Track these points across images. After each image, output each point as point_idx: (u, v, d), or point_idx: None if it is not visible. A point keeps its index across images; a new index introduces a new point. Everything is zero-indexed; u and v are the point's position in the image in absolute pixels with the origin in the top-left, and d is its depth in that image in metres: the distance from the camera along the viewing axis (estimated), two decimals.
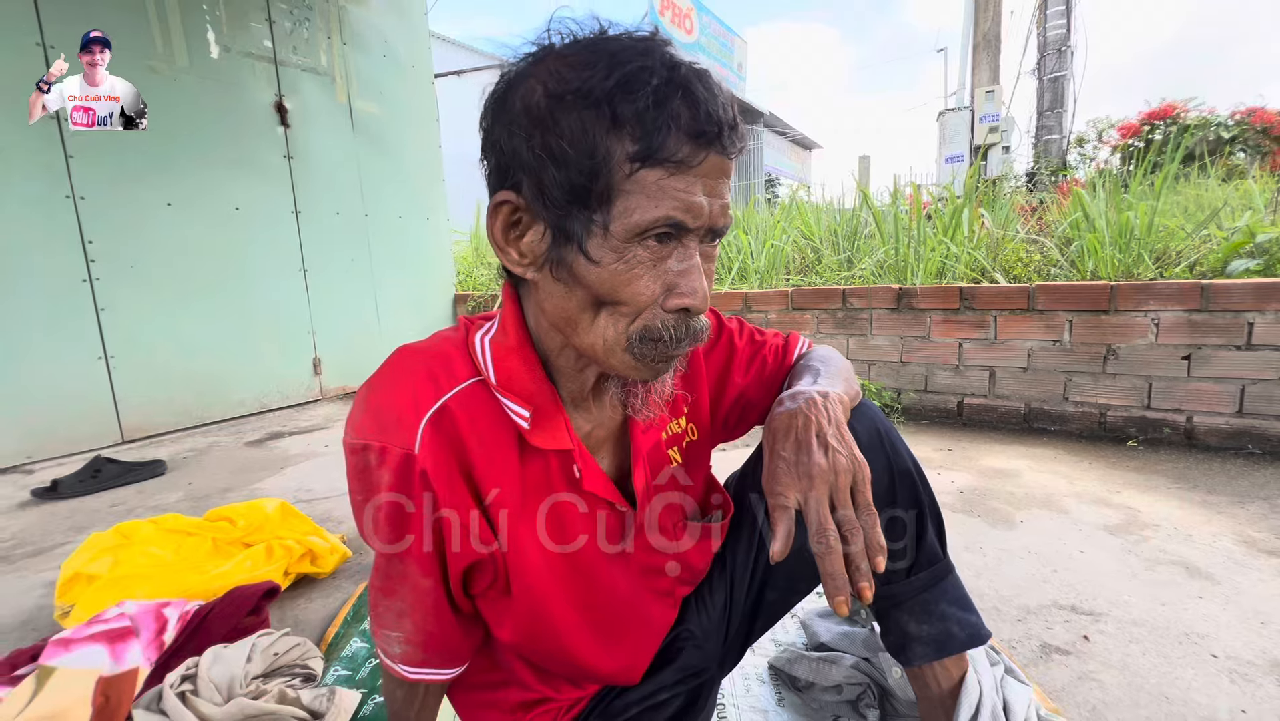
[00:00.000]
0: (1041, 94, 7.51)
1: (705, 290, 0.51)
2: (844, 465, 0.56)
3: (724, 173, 0.51)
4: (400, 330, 3.64)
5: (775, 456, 0.58)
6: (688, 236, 0.50)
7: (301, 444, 2.53)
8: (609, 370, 0.56)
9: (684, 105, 0.47)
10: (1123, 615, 1.14)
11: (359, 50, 3.40)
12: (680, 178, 0.48)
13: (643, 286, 0.50)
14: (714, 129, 0.48)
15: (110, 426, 2.55)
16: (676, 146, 0.47)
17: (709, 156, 0.48)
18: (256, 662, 0.96)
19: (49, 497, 1.96)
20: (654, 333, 0.52)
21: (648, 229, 0.48)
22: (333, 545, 1.43)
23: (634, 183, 0.47)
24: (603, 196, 0.48)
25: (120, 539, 1.32)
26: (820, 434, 0.57)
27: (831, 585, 0.53)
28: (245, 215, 2.93)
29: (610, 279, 0.50)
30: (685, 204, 0.48)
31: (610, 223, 0.48)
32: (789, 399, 0.62)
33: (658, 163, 0.47)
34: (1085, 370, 2.20)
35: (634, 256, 0.49)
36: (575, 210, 0.49)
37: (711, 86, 0.49)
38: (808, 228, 3.71)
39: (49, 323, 2.37)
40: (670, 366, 0.56)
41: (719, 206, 0.50)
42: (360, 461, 0.53)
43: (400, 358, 0.57)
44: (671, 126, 0.47)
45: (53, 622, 1.21)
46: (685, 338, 0.53)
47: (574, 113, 0.47)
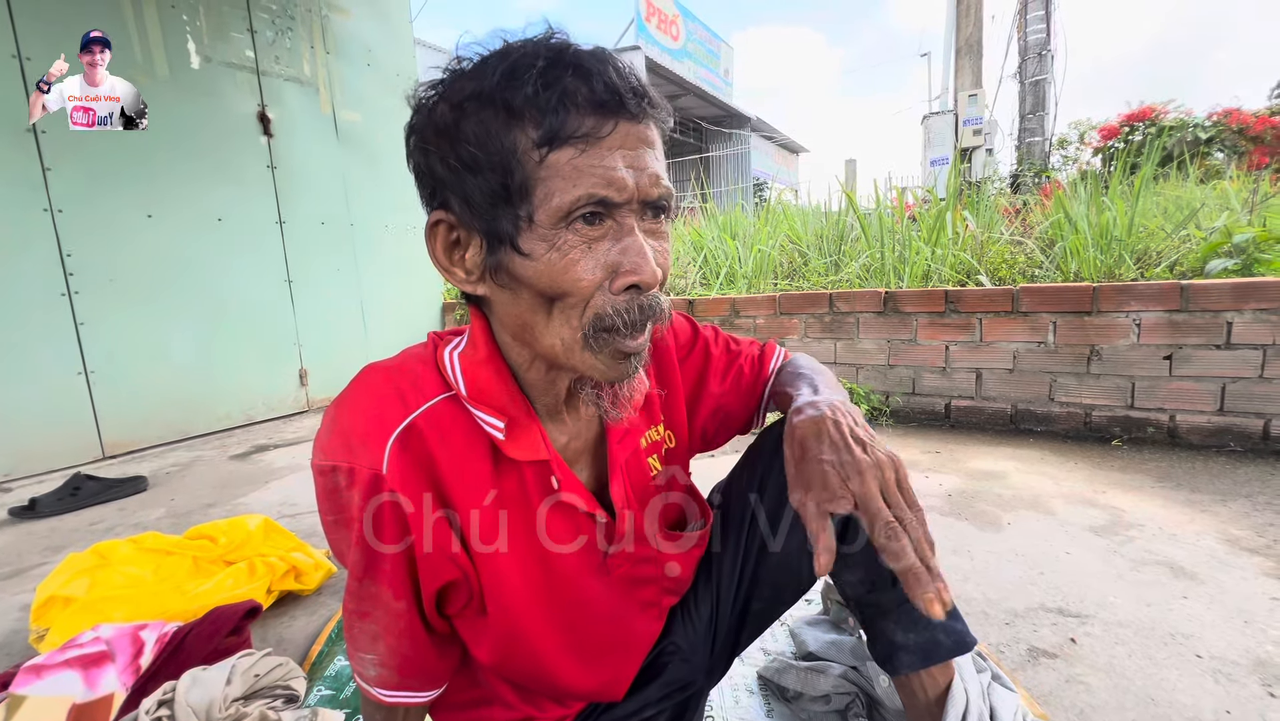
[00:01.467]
0: (1023, 97, 7.61)
1: (653, 266, 0.49)
2: (886, 460, 0.54)
3: (642, 140, 0.49)
4: (387, 339, 3.61)
5: (813, 462, 0.55)
6: (620, 213, 0.49)
7: (287, 457, 2.50)
8: (575, 373, 0.56)
9: (577, 80, 0.46)
10: (1109, 617, 1.15)
11: (342, 59, 3.38)
12: (593, 153, 0.47)
13: (581, 271, 0.48)
14: (613, 97, 0.47)
15: (90, 442, 2.51)
16: (578, 122, 0.46)
17: (618, 125, 0.47)
18: (236, 685, 0.94)
19: (26, 516, 1.92)
20: (606, 320, 0.50)
21: (571, 210, 0.47)
22: (317, 561, 1.41)
23: (547, 168, 0.47)
24: (522, 190, 0.47)
25: (98, 559, 1.29)
26: (854, 434, 0.56)
27: (917, 582, 0.49)
28: (228, 226, 2.90)
29: (547, 270, 0.49)
30: (603, 178, 0.47)
31: (534, 213, 0.48)
32: (809, 406, 0.60)
33: (563, 142, 0.46)
34: (1070, 371, 2.22)
35: (565, 242, 0.48)
36: (501, 211, 0.48)
37: (605, 57, 0.48)
38: (794, 232, 3.73)
39: (26, 337, 2.33)
40: (633, 362, 0.54)
41: (646, 177, 0.48)
42: (329, 483, 0.52)
43: (367, 376, 0.56)
44: (567, 103, 0.46)
45: (27, 647, 1.18)
46: (640, 319, 0.51)
47: (474, 116, 0.48)
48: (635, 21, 11.91)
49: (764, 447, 0.77)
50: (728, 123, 15.72)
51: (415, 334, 3.82)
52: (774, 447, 0.75)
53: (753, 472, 0.77)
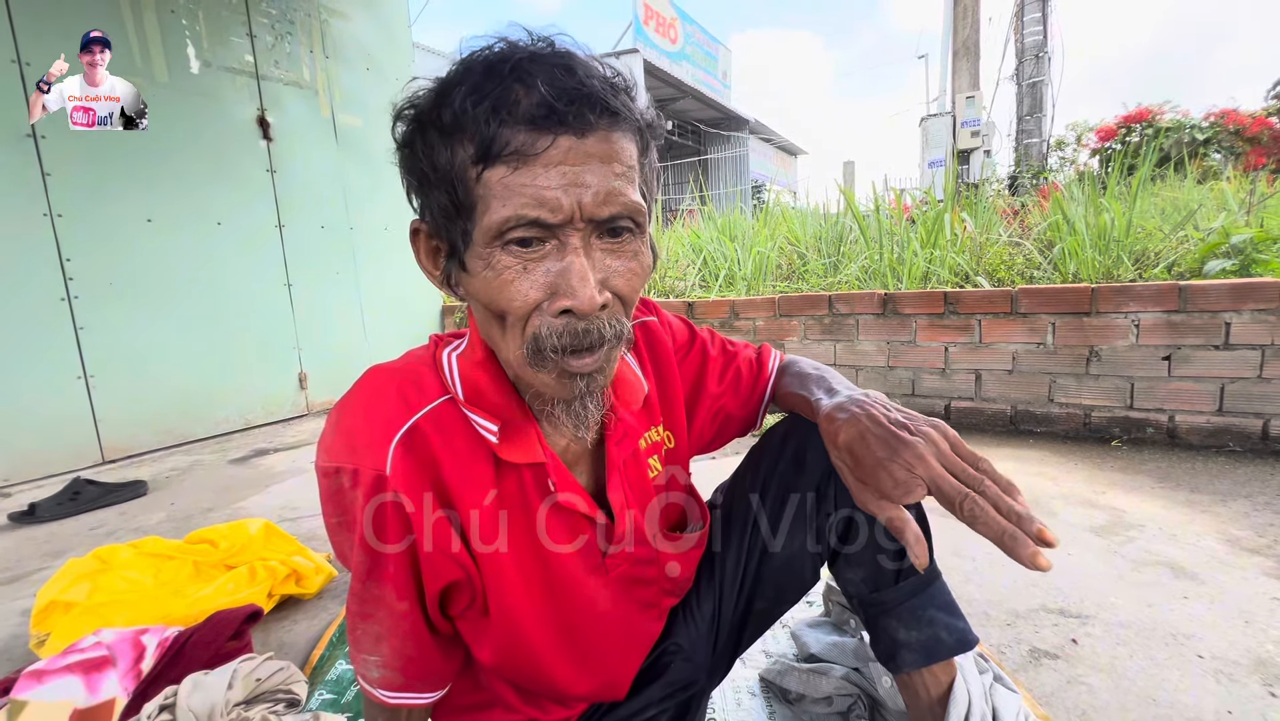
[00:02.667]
0: (1021, 99, 7.64)
1: (589, 291, 0.46)
2: (934, 434, 0.54)
3: (593, 155, 0.45)
4: (387, 342, 3.61)
5: (869, 465, 0.54)
6: (564, 233, 0.46)
7: (286, 460, 2.50)
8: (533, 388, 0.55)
9: (518, 88, 0.44)
10: (1110, 617, 1.15)
11: (341, 63, 3.39)
12: (525, 171, 0.44)
13: (514, 292, 0.47)
14: (548, 111, 0.43)
15: (90, 447, 2.51)
16: (509, 136, 0.44)
17: (556, 140, 0.44)
18: (238, 689, 0.94)
19: (26, 521, 1.91)
20: (540, 342, 0.48)
21: (501, 230, 0.46)
22: (318, 565, 1.41)
23: (483, 186, 0.46)
24: (467, 207, 0.47)
25: (98, 564, 1.29)
26: (894, 420, 0.55)
27: (1010, 539, 0.48)
28: (228, 230, 2.90)
29: (484, 288, 0.49)
30: (534, 198, 0.44)
31: (473, 231, 0.48)
32: (837, 411, 0.59)
33: (495, 160, 0.45)
34: (1069, 372, 2.23)
35: (499, 262, 0.47)
36: (454, 225, 0.49)
37: (563, 62, 0.45)
38: (793, 234, 3.74)
39: (26, 342, 2.33)
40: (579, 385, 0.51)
41: (591, 195, 0.45)
42: (332, 484, 0.53)
43: (370, 378, 0.56)
44: (498, 119, 0.44)
45: (28, 652, 1.18)
46: (576, 345, 0.48)
47: (425, 132, 0.48)
48: (633, 24, 11.94)
49: (767, 448, 0.77)
50: (726, 125, 15.76)
51: (415, 337, 3.82)
52: (777, 448, 0.76)
53: (755, 473, 0.78)
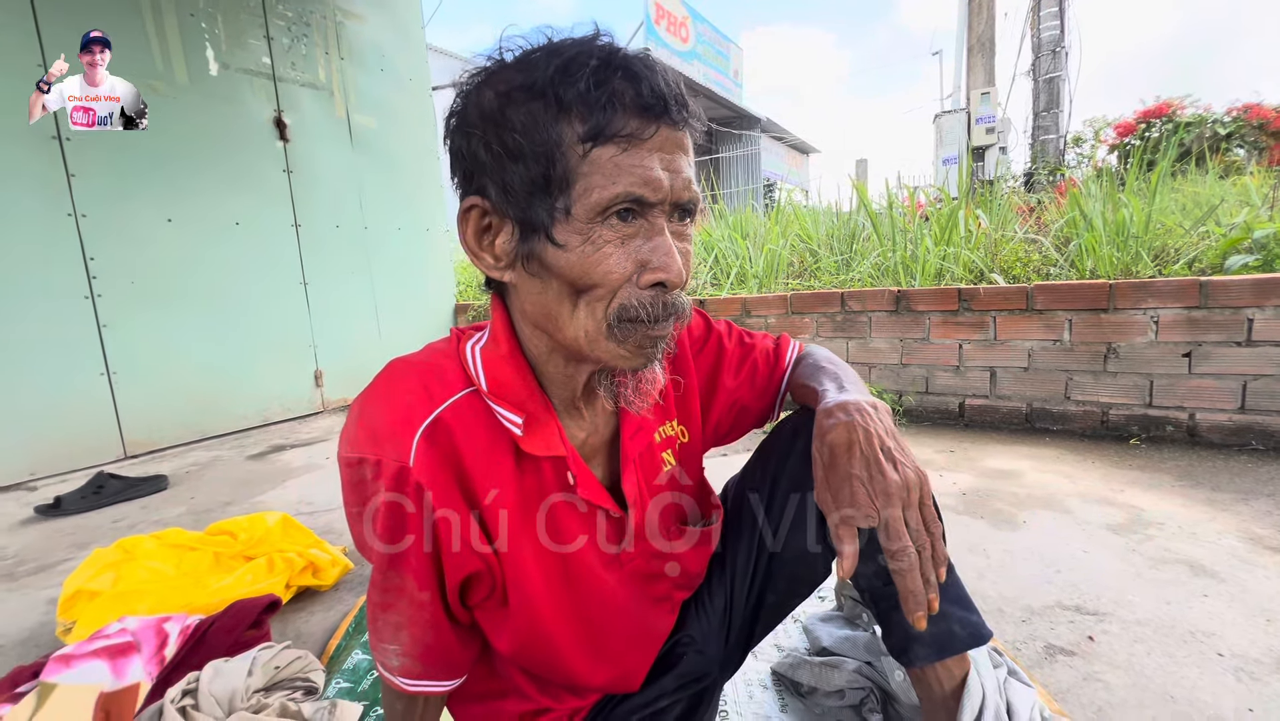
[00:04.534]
0: (1037, 95, 7.53)
1: (679, 265, 0.51)
2: (914, 480, 0.56)
3: (679, 146, 0.51)
4: (401, 341, 3.65)
5: (842, 474, 0.57)
6: (652, 212, 0.50)
7: (303, 456, 2.53)
8: (596, 363, 0.56)
9: (626, 82, 0.48)
10: (1127, 615, 1.13)
11: (356, 65, 3.43)
12: (634, 152, 0.48)
13: (613, 265, 0.50)
14: (659, 102, 0.48)
15: (113, 442, 2.56)
16: (624, 122, 0.48)
17: (659, 129, 0.49)
18: (258, 676, 0.96)
19: (52, 514, 1.96)
20: (630, 311, 0.51)
21: (608, 206, 0.48)
22: (334, 557, 1.43)
23: (589, 163, 0.48)
24: (562, 182, 0.48)
25: (122, 554, 1.32)
26: (885, 448, 0.57)
27: (913, 601, 0.55)
28: (245, 229, 2.95)
29: (580, 262, 0.50)
30: (642, 178, 0.48)
31: (572, 206, 0.49)
32: (839, 410, 0.60)
33: (608, 140, 0.47)
34: (1086, 369, 2.20)
35: (599, 236, 0.49)
36: (538, 200, 0.50)
37: (652, 64, 0.50)
38: (805, 231, 3.72)
39: (52, 340, 2.38)
40: (656, 350, 0.55)
41: (680, 180, 0.50)
42: (355, 475, 0.53)
43: (393, 370, 0.57)
44: (616, 103, 0.47)
45: (55, 639, 1.21)
46: (664, 315, 0.52)
47: (522, 106, 0.49)
48: (645, 24, 11.94)
49: (778, 442, 0.77)
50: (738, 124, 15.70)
51: (428, 334, 3.85)
52: (788, 442, 0.76)
53: (766, 467, 0.78)
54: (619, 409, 0.65)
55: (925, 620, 0.55)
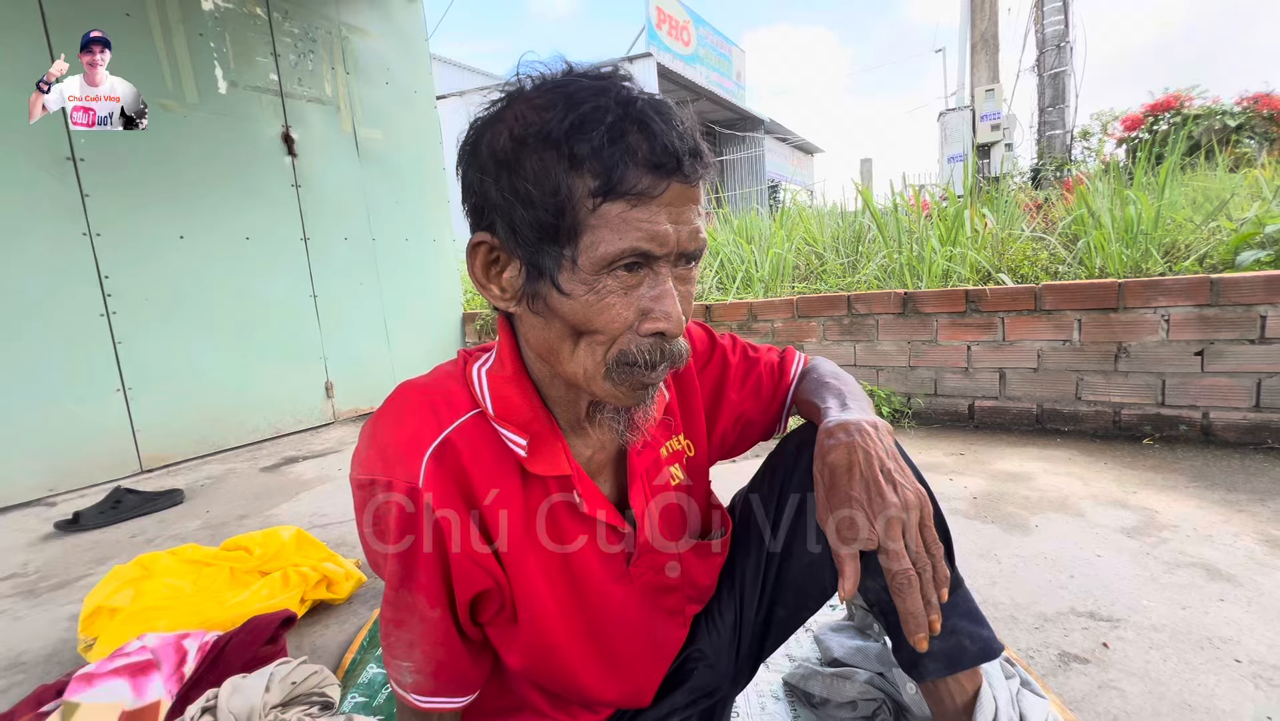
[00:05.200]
0: (1042, 90, 7.49)
1: (679, 314, 0.52)
2: (914, 501, 0.56)
3: (690, 199, 0.52)
4: (410, 351, 3.67)
5: (842, 495, 0.58)
6: (658, 263, 0.51)
7: (315, 468, 2.56)
8: (593, 397, 0.58)
9: (641, 138, 0.48)
10: (1142, 621, 1.12)
11: (362, 79, 3.47)
12: (643, 208, 0.49)
13: (615, 315, 0.51)
14: (672, 160, 0.49)
15: (129, 457, 2.60)
16: (636, 179, 0.48)
17: (670, 186, 0.50)
18: (275, 692, 0.97)
19: (71, 530, 1.99)
20: (629, 357, 0.52)
21: (614, 260, 0.49)
22: (348, 571, 1.44)
23: (598, 217, 0.49)
24: (570, 233, 0.49)
25: (140, 570, 1.34)
26: (885, 469, 0.57)
27: (914, 622, 0.55)
28: (256, 244, 2.99)
29: (583, 310, 0.51)
30: (650, 234, 0.49)
31: (578, 256, 0.49)
32: (840, 430, 0.60)
33: (619, 196, 0.48)
34: (1096, 369, 2.18)
35: (604, 287, 0.50)
36: (546, 247, 0.50)
37: (669, 116, 0.50)
38: (810, 234, 3.72)
39: (68, 357, 2.42)
40: (648, 393, 0.56)
41: (686, 232, 0.51)
42: (367, 496, 0.55)
43: (402, 393, 0.58)
44: (629, 161, 0.48)
45: (77, 655, 1.23)
46: (661, 361, 0.54)
47: (535, 154, 0.49)
48: (646, 28, 11.98)
49: (784, 455, 0.78)
50: (741, 126, 15.70)
51: (437, 344, 3.88)
52: (793, 457, 0.76)
53: (773, 479, 0.78)
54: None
55: (926, 641, 0.56)
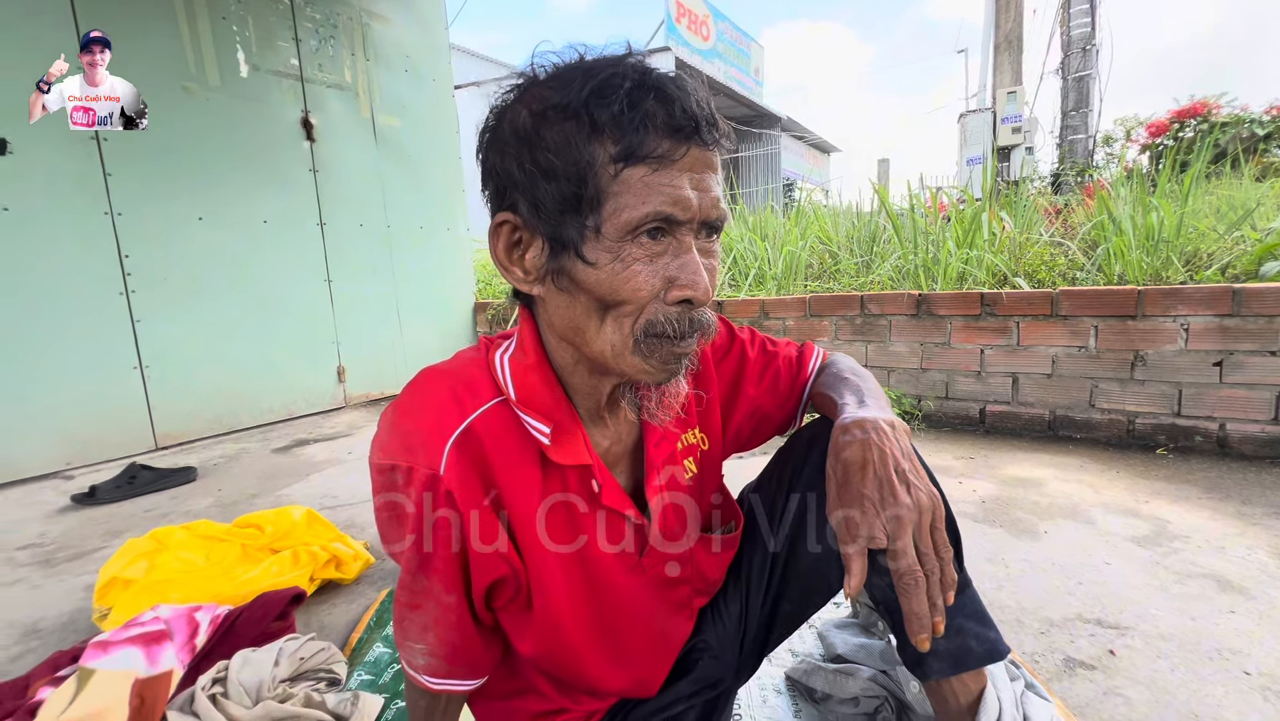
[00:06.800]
0: (1066, 93, 7.37)
1: (706, 282, 0.52)
2: (926, 503, 0.56)
3: (709, 166, 0.52)
4: (421, 338, 3.70)
5: (854, 492, 0.57)
6: (681, 230, 0.51)
7: (326, 451, 2.59)
8: (621, 376, 0.57)
9: (658, 104, 0.49)
10: (1150, 629, 1.12)
11: (382, 65, 3.48)
12: (664, 173, 0.49)
13: (640, 282, 0.51)
14: (690, 123, 0.49)
15: (144, 434, 2.64)
16: (656, 143, 0.48)
17: (690, 150, 0.50)
18: (283, 666, 0.99)
19: (87, 503, 2.03)
20: (657, 327, 0.52)
21: (638, 225, 0.49)
22: (356, 551, 1.46)
23: (620, 183, 0.49)
24: (593, 201, 0.49)
25: (155, 544, 1.37)
26: (899, 469, 0.57)
27: (917, 623, 0.55)
28: (273, 227, 3.01)
29: (608, 279, 0.51)
30: (672, 197, 0.49)
31: (602, 224, 0.50)
32: (856, 426, 0.59)
33: (639, 160, 0.48)
34: (1112, 377, 2.16)
35: (628, 254, 0.50)
36: (569, 218, 0.50)
37: (684, 85, 0.51)
38: (825, 233, 3.69)
39: (88, 334, 2.46)
40: (680, 365, 0.56)
41: (708, 199, 0.51)
42: (387, 481, 0.55)
43: (425, 379, 0.58)
44: (648, 125, 0.48)
45: (91, 625, 1.26)
46: (689, 331, 0.53)
47: (556, 126, 0.50)
48: (665, 22, 11.90)
49: (795, 449, 0.78)
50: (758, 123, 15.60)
51: (448, 333, 3.90)
52: (803, 452, 0.76)
53: (783, 475, 0.78)
54: (642, 418, 0.66)
55: (928, 642, 0.55)
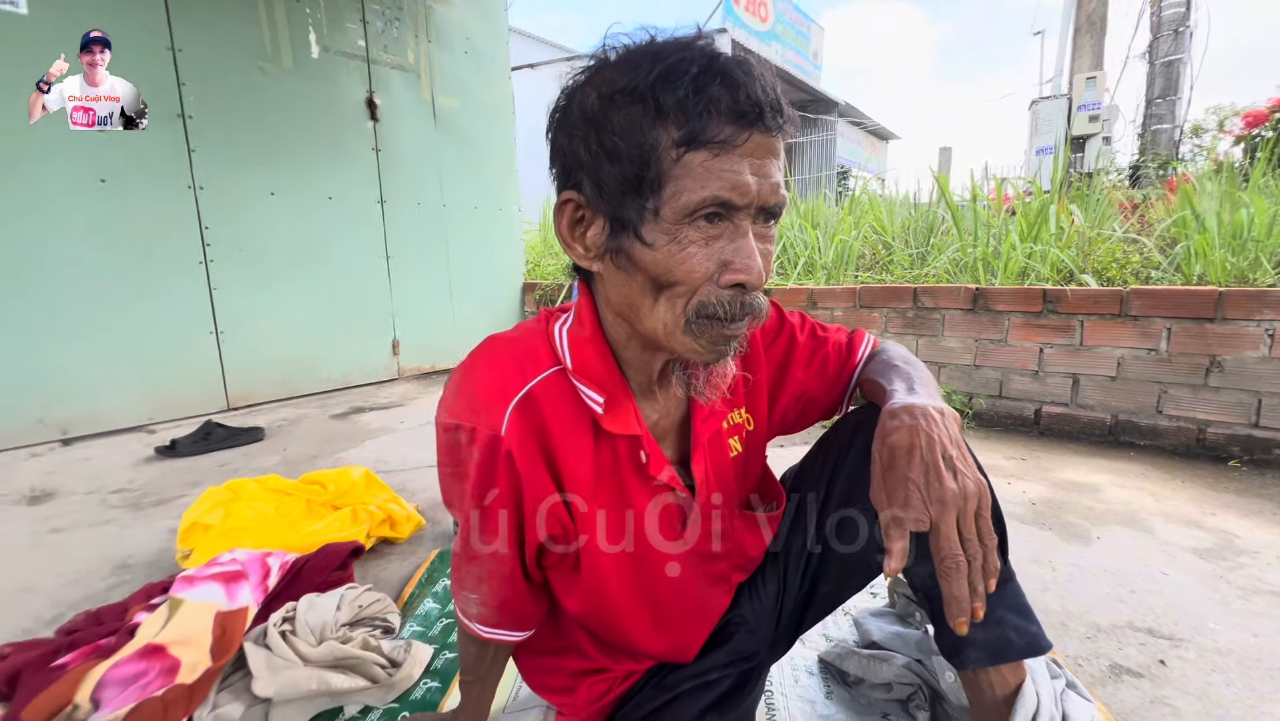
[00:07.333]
0: (1152, 79, 6.87)
1: (759, 267, 0.53)
2: (972, 490, 0.55)
3: (770, 152, 0.52)
4: (472, 316, 3.81)
5: (900, 475, 0.57)
6: (738, 215, 0.52)
7: (380, 419, 2.72)
8: (672, 354, 0.59)
9: (723, 89, 0.49)
10: (1207, 643, 1.07)
11: (443, 47, 3.56)
12: (725, 158, 0.50)
13: (695, 265, 0.52)
14: (754, 109, 0.50)
15: (218, 395, 2.83)
16: (718, 128, 0.49)
17: (752, 136, 0.50)
18: (345, 612, 1.07)
19: (169, 455, 2.20)
20: (709, 309, 0.53)
21: (696, 209, 0.51)
22: (409, 513, 1.54)
23: (681, 167, 0.50)
24: (654, 183, 0.51)
25: (230, 494, 1.48)
26: (946, 455, 0.56)
27: (957, 606, 0.55)
28: (337, 204, 3.15)
29: (664, 260, 0.52)
30: (731, 183, 0.50)
31: (661, 207, 0.51)
32: (904, 412, 0.59)
33: (701, 145, 0.49)
34: (1183, 382, 2.04)
35: (685, 237, 0.52)
36: (629, 200, 0.52)
37: (751, 70, 0.51)
38: (879, 223, 3.59)
39: (172, 300, 2.65)
40: (729, 347, 0.57)
41: (768, 185, 0.52)
42: (451, 439, 0.59)
43: (490, 346, 0.62)
44: (712, 110, 0.49)
45: (174, 564, 1.38)
46: (741, 314, 0.54)
47: (623, 109, 0.51)
48: (723, 3, 11.66)
49: (838, 436, 0.78)
50: (814, 108, 15.15)
51: (497, 311, 4.00)
52: (848, 437, 0.77)
53: (825, 460, 0.79)
54: (690, 395, 0.68)
55: (966, 626, 0.55)
